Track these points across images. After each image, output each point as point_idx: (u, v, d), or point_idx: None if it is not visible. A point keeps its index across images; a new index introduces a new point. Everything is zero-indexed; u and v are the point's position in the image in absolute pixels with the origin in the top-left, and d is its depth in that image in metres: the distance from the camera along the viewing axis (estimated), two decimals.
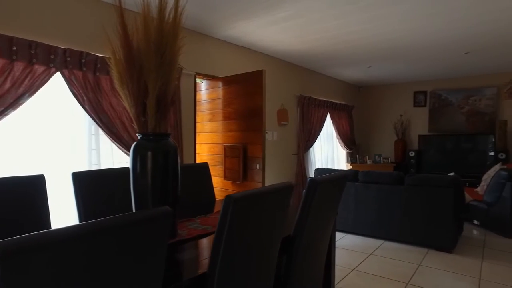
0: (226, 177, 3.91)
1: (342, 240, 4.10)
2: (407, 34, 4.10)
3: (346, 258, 3.50)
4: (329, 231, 1.99)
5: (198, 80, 4.22)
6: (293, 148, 5.60)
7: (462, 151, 6.71)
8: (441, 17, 3.53)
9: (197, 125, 4.31)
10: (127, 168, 1.74)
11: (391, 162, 7.08)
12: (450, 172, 6.46)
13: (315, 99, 5.99)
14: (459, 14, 3.43)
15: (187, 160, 3.84)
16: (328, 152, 6.79)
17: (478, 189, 5.29)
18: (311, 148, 5.96)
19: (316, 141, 6.08)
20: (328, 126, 6.66)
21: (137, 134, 1.69)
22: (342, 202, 4.28)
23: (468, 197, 4.51)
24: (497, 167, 5.05)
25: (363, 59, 5.37)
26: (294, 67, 5.65)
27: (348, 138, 7.07)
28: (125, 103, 1.64)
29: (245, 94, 3.80)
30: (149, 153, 1.65)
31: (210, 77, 4.19)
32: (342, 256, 3.55)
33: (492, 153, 6.25)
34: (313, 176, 4.76)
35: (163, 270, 1.04)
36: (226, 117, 4.04)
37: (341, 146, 6.96)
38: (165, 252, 1.00)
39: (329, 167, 6.65)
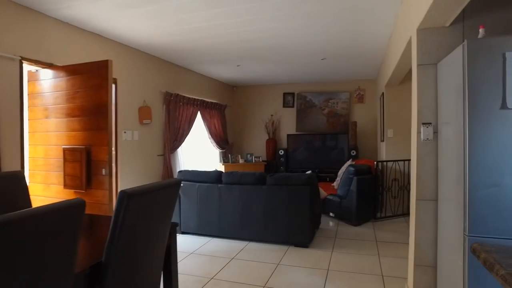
0: (66, 185, 3.25)
1: (206, 245, 3.89)
2: (273, 35, 4.13)
3: (207, 266, 3.29)
4: (162, 247, 1.70)
5: (32, 67, 3.43)
6: (159, 149, 5.17)
7: (325, 149, 7.34)
8: (303, 21, 3.63)
9: (32, 123, 3.52)
10: None
11: (263, 161, 7.29)
12: (316, 169, 7.00)
13: (184, 96, 5.68)
14: (317, 20, 3.58)
15: (11, 167, 3.06)
16: (200, 152, 6.57)
17: (334, 183, 5.81)
18: (180, 149, 5.63)
19: (186, 141, 5.78)
20: (200, 125, 6.44)
21: None
22: (206, 205, 4.09)
23: (322, 193, 4.85)
24: (348, 163, 5.61)
25: (232, 58, 5.30)
26: (160, 62, 5.22)
27: (220, 138, 6.98)
28: None
29: (90, 87, 3.22)
30: None
31: (46, 65, 3.45)
32: (203, 264, 3.34)
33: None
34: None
35: None
36: (69, 114, 3.38)
37: (213, 146, 6.82)
38: None
39: (201, 167, 6.43)
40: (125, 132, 4.40)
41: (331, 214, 5.02)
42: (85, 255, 1.51)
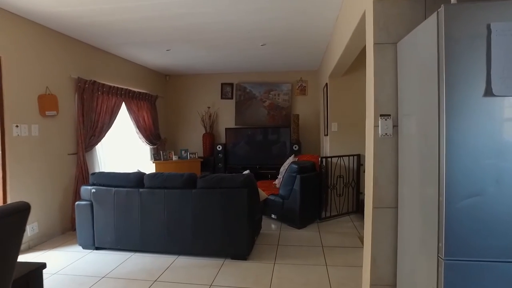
0: None
1: (124, 264, 3.18)
2: (203, 11, 3.50)
3: None
4: None
5: None
6: (70, 147, 4.26)
7: (266, 144, 6.88)
8: None
9: None
10: None
11: (199, 157, 6.63)
12: (257, 165, 6.53)
13: (104, 84, 4.80)
14: None
15: None
16: (127, 149, 5.73)
17: (276, 182, 5.37)
18: (99, 145, 4.76)
19: (107, 136, 4.91)
20: (127, 118, 5.59)
21: None
22: (125, 215, 3.37)
23: (263, 194, 4.36)
24: (290, 159, 5.20)
25: (160, 39, 4.55)
26: (68, 40, 4.28)
27: (150, 132, 6.18)
28: None
29: None
30: None
31: None
32: None
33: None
34: (89, 184, 3.64)
35: None
36: None
37: (143, 142, 6.00)
38: None
39: (128, 167, 5.58)
40: (17, 126, 3.47)
41: (273, 216, 4.57)
42: None
